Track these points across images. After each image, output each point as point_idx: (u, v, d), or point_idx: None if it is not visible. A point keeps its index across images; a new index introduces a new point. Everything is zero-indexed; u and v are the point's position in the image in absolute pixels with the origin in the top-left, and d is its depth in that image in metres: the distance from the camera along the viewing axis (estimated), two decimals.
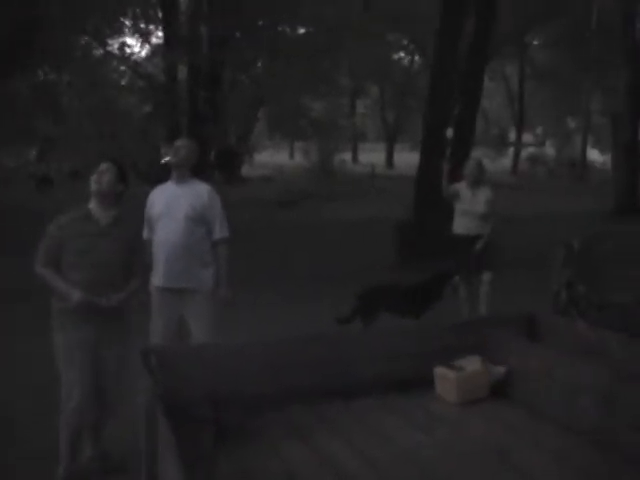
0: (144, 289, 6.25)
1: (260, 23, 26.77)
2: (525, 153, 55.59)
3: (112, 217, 5.60)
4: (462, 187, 10.16)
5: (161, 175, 7.07)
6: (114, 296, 5.45)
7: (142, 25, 27.80)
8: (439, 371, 4.99)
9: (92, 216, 5.56)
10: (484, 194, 9.98)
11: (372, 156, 59.31)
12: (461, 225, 10.11)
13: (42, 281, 5.52)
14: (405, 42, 48.84)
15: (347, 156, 54.73)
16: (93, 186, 5.55)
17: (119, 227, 5.63)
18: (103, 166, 5.60)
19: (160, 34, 28.43)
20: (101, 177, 5.54)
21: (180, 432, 3.59)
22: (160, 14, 27.00)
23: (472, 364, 4.98)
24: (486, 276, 9.96)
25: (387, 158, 62.35)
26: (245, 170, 43.53)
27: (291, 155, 70.07)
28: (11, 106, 23.14)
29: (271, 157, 59.75)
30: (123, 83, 29.29)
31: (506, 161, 57.28)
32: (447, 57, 16.23)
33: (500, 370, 4.99)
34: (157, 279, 6.57)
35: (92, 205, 5.60)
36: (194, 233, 6.57)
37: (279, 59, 26.93)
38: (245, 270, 12.43)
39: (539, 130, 68.68)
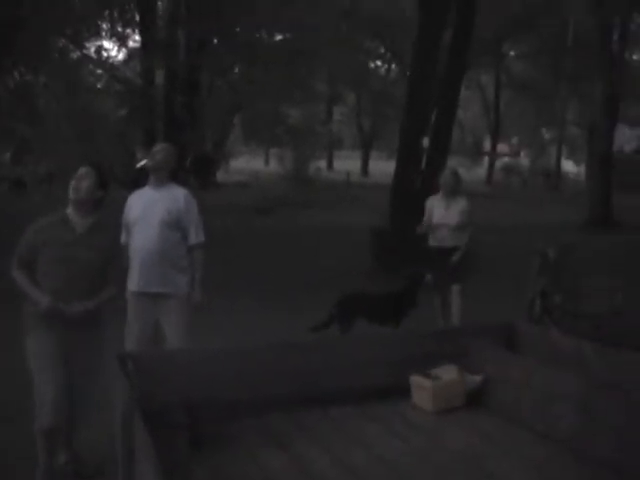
0: (121, 295, 6.17)
1: (238, 29, 26.75)
2: (500, 163, 55.84)
3: (89, 224, 5.49)
4: (437, 198, 10.05)
5: (138, 179, 7.05)
6: (81, 304, 5.33)
7: (119, 28, 27.68)
8: (415, 380, 4.99)
9: (69, 222, 5.44)
10: (459, 205, 9.87)
11: (348, 164, 59.36)
12: (436, 237, 9.97)
13: (16, 283, 5.45)
14: (382, 50, 48.93)
15: (322, 163, 54.75)
16: (71, 193, 5.43)
17: (96, 235, 5.51)
18: (82, 171, 5.49)
19: (137, 38, 28.37)
20: (79, 183, 5.42)
21: (156, 437, 3.57)
22: (137, 17, 26.92)
23: (448, 373, 4.99)
24: (456, 287, 9.85)
25: (362, 166, 62.42)
26: (220, 176, 43.45)
27: (266, 162, 70.03)
28: None
29: (247, 163, 59.68)
30: (99, 86, 29.18)
31: (481, 171, 57.51)
32: (425, 65, 16.26)
33: (476, 379, 5.00)
34: (133, 284, 6.55)
35: (70, 211, 5.48)
36: (170, 238, 6.56)
37: (256, 65, 26.94)
38: (222, 276, 12.40)
39: (514, 140, 69.09)
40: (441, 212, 9.85)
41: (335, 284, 13.13)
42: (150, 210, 6.51)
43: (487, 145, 60.43)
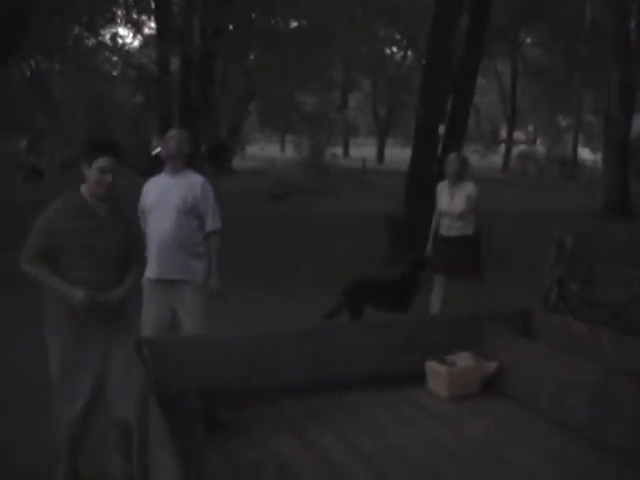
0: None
1: (253, 15, 26.72)
2: (516, 151, 55.64)
3: (109, 207, 5.09)
4: (444, 186, 9.66)
5: (153, 166, 7.03)
6: (115, 292, 4.97)
7: (134, 15, 27.69)
8: (431, 366, 4.98)
9: (89, 208, 5.01)
10: (465, 191, 9.40)
11: (363, 151, 59.32)
12: (443, 226, 9.61)
13: (34, 279, 5.00)
14: (398, 37, 48.77)
15: (338, 150, 54.69)
16: (97, 190, 4.95)
17: (117, 218, 5.15)
18: (104, 163, 4.92)
19: (152, 25, 28.38)
20: (105, 176, 4.92)
21: (171, 423, 3.57)
22: (153, 4, 26.92)
23: (464, 359, 4.98)
24: (440, 277, 9.50)
25: (378, 153, 62.33)
26: (236, 163, 43.46)
27: (282, 148, 70.02)
28: (2, 96, 23.05)
29: (262, 150, 59.70)
30: (115, 74, 29.20)
31: (497, 158, 57.34)
32: (440, 53, 16.19)
33: (492, 365, 4.98)
34: (149, 271, 6.53)
35: (85, 193, 5.04)
36: (186, 225, 6.55)
37: (272, 52, 26.89)
38: (236, 263, 12.40)
39: (531, 128, 68.83)
40: (446, 199, 9.52)
41: (349, 271, 13.12)
42: (166, 197, 6.50)
43: (503, 133, 60.22)
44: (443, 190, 9.61)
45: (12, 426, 6.58)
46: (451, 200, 9.42)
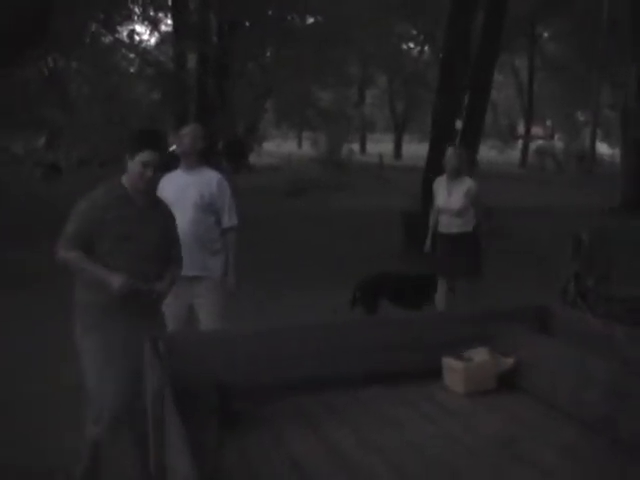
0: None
1: (269, 12, 26.73)
2: (534, 146, 55.50)
3: (148, 200, 5.05)
4: (441, 182, 9.49)
5: (169, 163, 7.03)
6: (158, 284, 4.96)
7: (151, 12, 27.76)
8: (447, 362, 4.97)
9: (129, 198, 4.95)
10: (463, 187, 9.21)
11: (381, 147, 59.31)
12: (442, 223, 9.44)
13: (69, 267, 4.89)
14: (415, 33, 48.68)
15: (355, 146, 54.70)
16: (139, 184, 4.90)
17: (156, 211, 5.13)
18: (147, 157, 4.85)
19: (169, 22, 28.42)
20: (148, 171, 4.86)
21: (187, 419, 3.58)
22: (169, 1, 26.97)
23: (480, 355, 4.96)
24: (443, 282, 9.38)
25: (395, 149, 62.30)
26: (253, 159, 43.52)
27: (299, 145, 70.08)
28: (20, 93, 23.15)
29: (279, 146, 59.79)
30: (132, 71, 29.26)
31: (515, 153, 57.26)
32: (457, 48, 16.19)
33: (509, 361, 4.97)
34: None
35: (126, 185, 4.97)
36: (203, 221, 6.57)
37: (288, 48, 26.91)
38: (253, 259, 12.44)
39: (548, 123, 68.62)
40: (444, 196, 9.34)
41: (365, 267, 13.13)
42: (183, 194, 6.51)
43: (521, 128, 60.11)
44: (440, 186, 9.45)
45: (13, 426, 6.63)
46: (449, 196, 9.25)
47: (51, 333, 8.14)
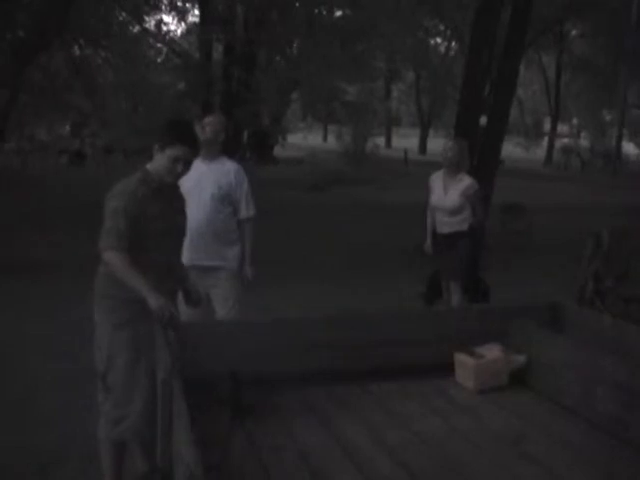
0: None
1: (297, 4, 26.70)
2: (559, 144, 55.28)
3: (176, 189, 4.98)
4: (437, 177, 8.92)
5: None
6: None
7: (179, 3, 27.80)
8: (459, 357, 4.97)
9: (162, 190, 4.77)
10: (461, 185, 8.63)
11: (406, 141, 59.24)
12: (437, 222, 8.87)
13: (114, 268, 4.56)
14: (442, 28, 48.47)
15: (381, 141, 54.63)
16: (169, 177, 4.73)
17: (178, 199, 5.03)
18: (180, 152, 4.68)
19: (196, 12, 28.46)
20: (178, 165, 4.70)
21: (198, 410, 3.60)
22: None
23: (492, 352, 4.96)
24: (452, 284, 8.83)
25: (420, 144, 62.17)
26: (277, 151, 43.54)
27: (324, 138, 70.06)
28: (47, 81, 23.26)
29: (304, 139, 59.80)
30: (159, 60, 29.30)
31: (540, 151, 57.05)
32: (483, 44, 16.13)
33: (520, 358, 4.97)
34: (183, 258, 6.58)
35: (155, 176, 4.77)
36: (220, 211, 6.57)
37: (315, 41, 26.84)
38: (271, 250, 12.46)
39: (574, 121, 68.30)
40: (440, 193, 8.76)
41: (385, 260, 13.15)
42: (200, 183, 6.51)
43: (547, 126, 59.85)
44: (437, 182, 8.91)
45: (31, 409, 6.68)
46: (445, 194, 8.71)
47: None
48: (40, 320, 9.18)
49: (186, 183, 6.55)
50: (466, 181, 8.64)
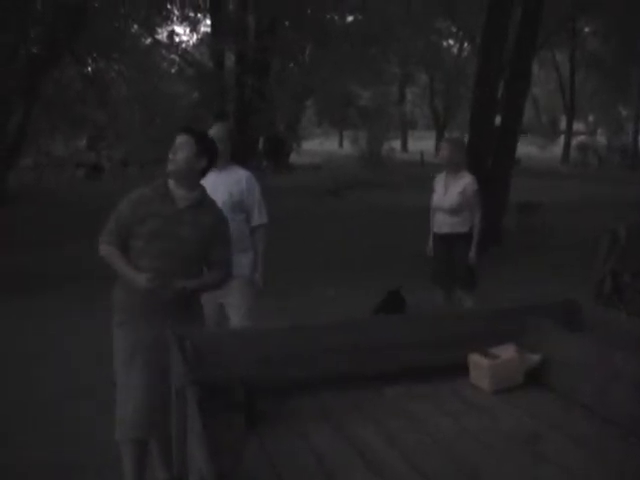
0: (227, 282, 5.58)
1: (308, 11, 26.72)
2: (576, 141, 55.12)
3: (193, 199, 4.95)
4: (440, 178, 8.87)
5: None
6: (180, 282, 4.79)
7: (190, 14, 27.88)
8: (473, 358, 4.95)
9: (169, 195, 4.88)
10: (460, 184, 8.59)
11: (422, 144, 59.20)
12: (436, 222, 8.83)
13: (107, 261, 4.86)
14: (454, 29, 48.43)
15: (397, 144, 54.62)
16: (168, 165, 4.87)
17: (200, 211, 4.97)
18: (178, 140, 4.91)
19: (208, 22, 28.54)
20: (175, 154, 4.85)
21: (212, 418, 3.59)
22: (208, 2, 27.07)
23: (507, 352, 4.93)
24: (461, 293, 8.72)
25: (436, 146, 62.10)
26: (293, 158, 43.60)
27: (340, 143, 70.10)
28: (62, 94, 23.39)
29: (321, 145, 59.88)
30: (173, 71, 29.39)
31: (556, 149, 56.92)
32: (495, 43, 16.11)
33: (535, 358, 4.94)
34: None
35: (171, 183, 4.93)
36: (233, 220, 6.55)
37: (327, 47, 26.87)
38: (285, 256, 12.49)
39: (590, 118, 68.09)
40: (440, 193, 8.73)
41: (401, 264, 13.13)
42: (213, 192, 6.51)
43: (563, 124, 59.69)
44: (439, 182, 8.86)
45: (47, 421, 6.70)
46: (445, 193, 8.66)
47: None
48: (62, 332, 9.26)
49: None
50: (466, 179, 8.63)
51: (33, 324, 9.64)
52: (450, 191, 8.57)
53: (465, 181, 8.57)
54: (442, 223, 8.69)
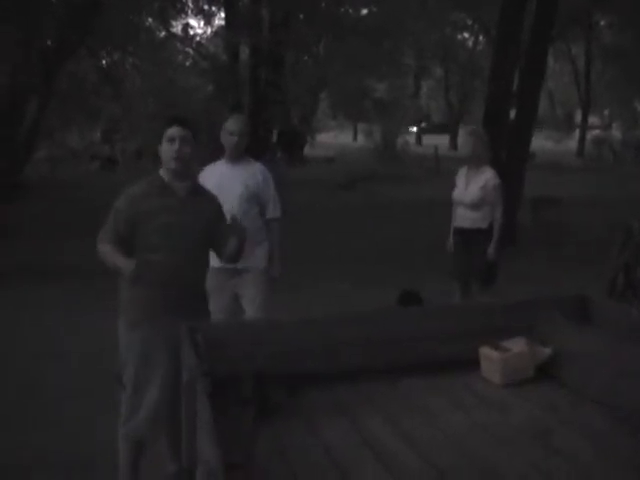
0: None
1: (323, 4, 26.69)
2: (591, 135, 54.90)
3: (190, 187, 4.96)
4: (463, 172, 8.70)
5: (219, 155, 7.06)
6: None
7: (205, 7, 27.88)
8: (484, 351, 4.96)
9: (168, 188, 4.87)
10: (482, 178, 8.42)
11: (437, 138, 59.08)
12: (457, 215, 8.69)
13: (101, 258, 4.79)
14: (469, 22, 48.27)
15: (412, 138, 54.55)
16: (171, 163, 4.82)
17: (198, 199, 5.02)
18: (175, 133, 4.80)
19: (222, 15, 28.55)
20: (180, 152, 4.79)
21: (223, 410, 3.61)
22: None
23: (518, 345, 4.94)
24: (476, 287, 8.53)
25: (451, 140, 61.95)
26: (307, 151, 43.59)
27: (355, 136, 70.03)
28: (77, 87, 23.43)
29: (335, 138, 59.84)
30: (187, 64, 29.41)
31: (571, 143, 56.72)
32: (509, 36, 16.07)
33: (546, 352, 4.95)
34: (212, 259, 6.62)
35: (164, 174, 4.91)
36: (248, 212, 6.62)
37: (342, 40, 26.84)
38: (298, 249, 12.50)
39: (606, 112, 67.81)
40: (461, 187, 8.57)
41: (416, 258, 13.13)
42: (228, 185, 6.57)
43: (578, 117, 59.46)
44: (461, 176, 8.72)
45: (60, 413, 6.74)
46: (467, 187, 8.49)
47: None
48: (61, 332, 9.29)
49: (211, 185, 6.62)
50: (487, 173, 8.44)
51: (32, 324, 9.64)
52: (471, 186, 8.43)
53: (486, 176, 8.40)
54: (462, 217, 8.56)
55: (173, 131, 4.80)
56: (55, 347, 8.58)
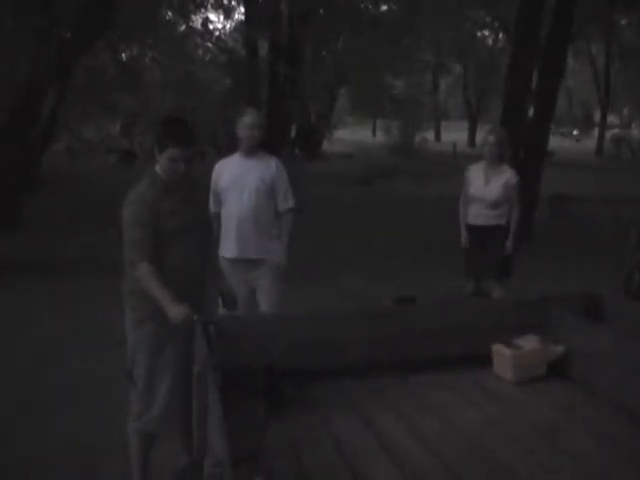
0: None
1: (342, 0, 26.65)
2: (610, 134, 54.69)
3: (184, 183, 4.83)
4: (477, 169, 8.60)
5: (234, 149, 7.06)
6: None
7: (225, 1, 27.93)
8: (497, 349, 4.97)
9: (171, 189, 4.76)
10: (502, 177, 8.36)
11: (455, 135, 58.95)
12: (471, 213, 8.57)
13: (143, 283, 4.59)
14: (489, 19, 48.09)
15: (430, 135, 54.45)
16: (170, 174, 4.71)
17: (194, 194, 4.99)
18: (180, 154, 4.65)
19: (242, 10, 28.57)
20: (182, 166, 4.67)
21: (233, 402, 3.63)
22: None
23: (530, 343, 4.95)
24: (492, 283, 8.48)
25: (469, 137, 61.79)
26: (325, 146, 43.57)
27: (373, 132, 69.96)
28: (95, 81, 23.48)
29: (354, 134, 59.77)
30: (207, 59, 29.43)
31: (590, 142, 56.53)
32: (528, 33, 16.00)
33: (558, 349, 4.95)
34: (228, 251, 6.64)
35: (163, 176, 4.77)
36: (264, 205, 6.65)
37: (361, 36, 26.78)
38: (320, 245, 12.50)
39: (625, 111, 67.51)
40: (479, 184, 8.45)
41: (431, 254, 13.12)
42: (243, 178, 6.60)
43: (597, 116, 59.23)
44: (477, 173, 8.59)
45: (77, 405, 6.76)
46: (486, 185, 8.40)
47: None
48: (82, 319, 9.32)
49: (225, 178, 6.67)
50: (508, 172, 8.38)
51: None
52: (492, 184, 8.35)
53: (507, 175, 8.35)
54: (478, 214, 8.47)
55: (177, 153, 4.66)
56: (55, 346, 8.57)
